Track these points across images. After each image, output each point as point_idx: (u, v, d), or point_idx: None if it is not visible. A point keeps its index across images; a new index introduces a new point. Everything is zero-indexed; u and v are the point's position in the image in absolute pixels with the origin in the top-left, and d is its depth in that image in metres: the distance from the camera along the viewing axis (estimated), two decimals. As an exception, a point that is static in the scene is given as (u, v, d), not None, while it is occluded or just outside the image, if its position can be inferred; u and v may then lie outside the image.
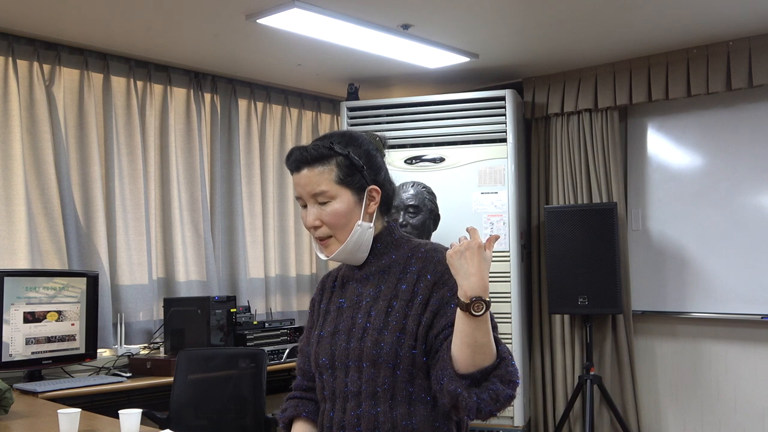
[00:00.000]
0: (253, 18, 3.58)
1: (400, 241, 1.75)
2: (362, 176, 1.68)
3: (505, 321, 4.44)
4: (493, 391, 1.48)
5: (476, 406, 1.48)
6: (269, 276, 4.83)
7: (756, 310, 4.23)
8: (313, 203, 1.68)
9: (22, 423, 2.64)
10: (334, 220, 1.66)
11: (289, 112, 5.06)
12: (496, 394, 1.48)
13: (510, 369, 1.51)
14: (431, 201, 4.12)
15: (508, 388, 1.50)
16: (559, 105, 4.77)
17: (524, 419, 4.52)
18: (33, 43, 3.83)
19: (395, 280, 1.68)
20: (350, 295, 1.74)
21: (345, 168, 1.67)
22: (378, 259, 1.72)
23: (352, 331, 1.67)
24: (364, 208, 1.69)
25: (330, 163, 1.66)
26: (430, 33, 3.95)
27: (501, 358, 1.51)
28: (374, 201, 1.71)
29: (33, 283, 3.54)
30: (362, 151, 1.70)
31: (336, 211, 1.66)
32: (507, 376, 1.50)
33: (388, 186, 1.75)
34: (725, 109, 4.39)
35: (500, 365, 1.50)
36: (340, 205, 1.66)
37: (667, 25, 3.91)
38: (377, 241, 1.73)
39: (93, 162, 4.01)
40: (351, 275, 1.76)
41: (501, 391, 1.49)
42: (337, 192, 1.66)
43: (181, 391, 3.44)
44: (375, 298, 1.68)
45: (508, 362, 1.52)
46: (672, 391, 4.60)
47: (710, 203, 4.43)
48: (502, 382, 1.49)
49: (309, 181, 1.66)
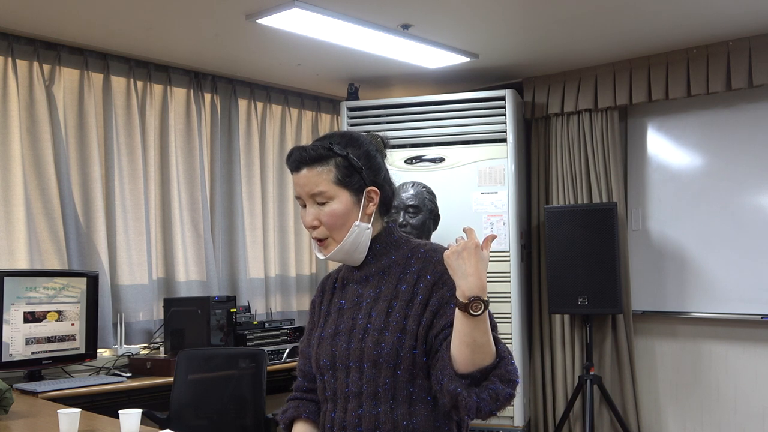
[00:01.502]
0: (253, 18, 3.58)
1: (399, 242, 1.75)
2: (361, 177, 1.68)
3: (505, 321, 4.44)
4: (492, 390, 1.48)
5: (476, 406, 1.48)
6: (269, 276, 4.83)
7: (756, 310, 4.23)
8: (312, 203, 1.68)
9: (22, 423, 2.64)
10: (332, 221, 1.67)
11: (289, 112, 5.06)
12: (495, 393, 1.48)
13: (509, 368, 1.51)
14: (431, 201, 4.12)
15: (507, 387, 1.50)
16: (559, 105, 4.77)
17: (524, 419, 4.52)
18: (33, 43, 3.83)
19: (395, 280, 1.68)
20: (350, 296, 1.74)
21: (343, 169, 1.67)
22: (378, 260, 1.72)
23: (352, 332, 1.67)
24: (362, 209, 1.69)
25: (329, 163, 1.67)
26: (430, 33, 3.95)
27: (500, 357, 1.51)
28: (373, 202, 1.71)
29: (33, 283, 3.54)
30: (361, 152, 1.70)
31: (333, 212, 1.66)
32: (507, 375, 1.50)
33: (388, 187, 1.75)
34: (725, 109, 4.39)
35: (500, 364, 1.51)
36: (338, 205, 1.66)
37: (667, 25, 3.91)
38: (376, 242, 1.73)
39: (93, 162, 4.01)
40: (351, 276, 1.76)
41: (501, 390, 1.49)
42: (336, 192, 1.66)
43: (181, 391, 3.44)
44: (375, 299, 1.68)
45: (508, 361, 1.52)
46: (672, 391, 4.60)
47: (710, 203, 4.43)
48: (501, 381, 1.50)
49: (308, 182, 1.67)
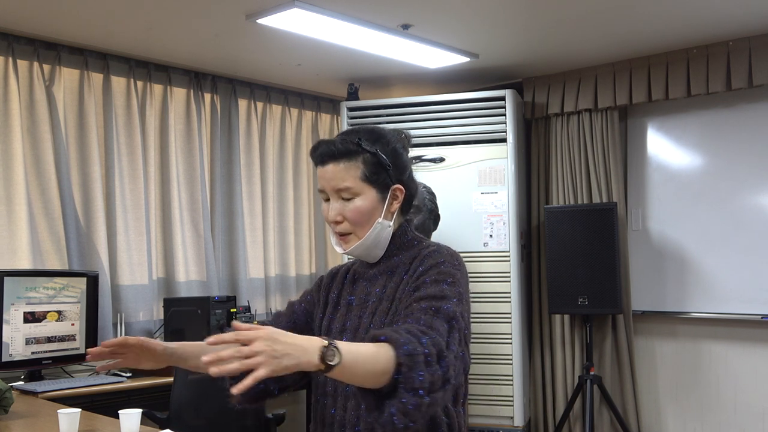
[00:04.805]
0: (253, 18, 3.58)
1: (411, 243, 1.73)
2: (387, 175, 1.67)
3: (505, 321, 4.45)
4: (400, 403, 1.36)
5: (391, 425, 1.37)
6: (269, 276, 4.83)
7: (756, 310, 4.23)
8: (337, 198, 1.66)
9: (22, 423, 2.64)
10: (356, 217, 1.65)
11: (289, 112, 5.06)
12: (403, 407, 1.36)
13: (412, 375, 1.35)
14: (431, 201, 4.12)
15: (413, 397, 1.35)
16: (559, 105, 4.77)
17: (524, 419, 4.52)
18: (33, 43, 3.83)
19: (399, 280, 1.67)
20: (359, 293, 1.73)
21: (371, 165, 1.65)
22: (388, 259, 1.71)
23: (357, 330, 1.67)
24: (386, 207, 1.68)
25: (356, 159, 1.64)
26: (430, 33, 3.95)
27: (398, 364, 1.35)
28: (397, 200, 1.70)
29: (33, 283, 3.54)
30: (389, 150, 1.68)
31: (359, 209, 1.65)
32: (410, 383, 1.35)
33: (412, 185, 1.74)
34: (725, 109, 4.39)
35: (400, 372, 1.36)
36: (363, 202, 1.65)
37: (667, 25, 3.91)
38: (391, 240, 1.72)
39: (93, 162, 4.01)
40: (362, 272, 1.75)
41: (406, 401, 1.35)
42: (362, 189, 1.64)
43: (181, 391, 3.44)
44: (380, 299, 1.67)
45: (410, 367, 1.36)
46: (672, 391, 4.60)
47: (710, 203, 4.43)
48: (406, 391, 1.35)
49: (334, 176, 1.64)
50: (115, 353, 1.71)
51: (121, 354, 1.72)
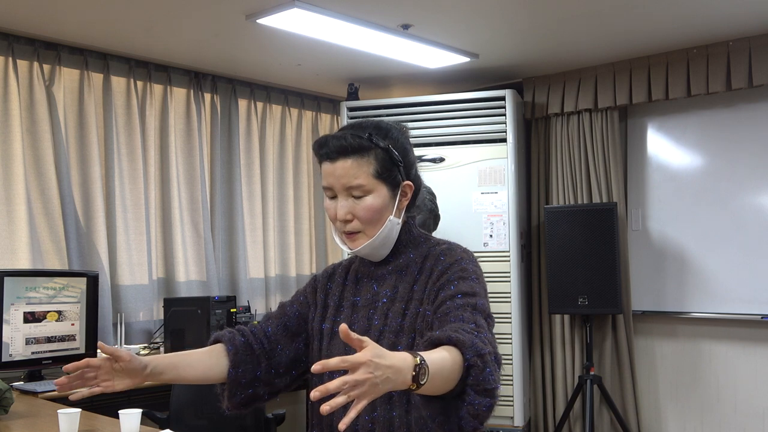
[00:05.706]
0: (253, 18, 3.58)
1: (418, 240, 1.69)
2: (399, 171, 1.62)
3: (505, 321, 4.44)
4: (471, 405, 1.33)
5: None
6: (269, 276, 4.83)
7: (756, 310, 4.23)
8: (346, 196, 1.59)
9: (22, 423, 2.64)
10: (368, 215, 1.58)
11: (289, 112, 5.06)
12: (474, 409, 1.33)
13: (483, 377, 1.33)
14: (431, 201, 4.11)
15: (485, 398, 1.34)
16: (559, 105, 4.77)
17: (524, 419, 4.52)
18: (33, 43, 3.83)
19: (411, 280, 1.62)
20: (365, 294, 1.66)
21: (383, 162, 1.59)
22: (396, 258, 1.66)
23: (368, 332, 1.60)
24: (396, 204, 1.62)
25: (369, 155, 1.58)
26: (430, 33, 3.95)
27: (469, 366, 1.33)
28: (406, 197, 1.65)
29: (33, 283, 3.54)
30: (399, 145, 1.63)
31: (371, 206, 1.58)
32: (482, 385, 1.33)
33: (419, 182, 1.71)
34: (725, 109, 4.39)
35: (470, 372, 1.33)
36: (375, 200, 1.58)
37: (667, 25, 3.91)
38: (397, 238, 1.66)
39: (93, 162, 4.01)
40: (366, 271, 1.69)
41: (478, 403, 1.34)
42: (374, 186, 1.58)
43: (181, 391, 3.44)
44: (392, 300, 1.62)
45: (480, 368, 1.33)
46: (672, 391, 4.60)
47: (710, 203, 4.43)
48: (477, 393, 1.34)
49: (345, 173, 1.57)
50: (82, 378, 1.54)
51: (92, 378, 1.54)
